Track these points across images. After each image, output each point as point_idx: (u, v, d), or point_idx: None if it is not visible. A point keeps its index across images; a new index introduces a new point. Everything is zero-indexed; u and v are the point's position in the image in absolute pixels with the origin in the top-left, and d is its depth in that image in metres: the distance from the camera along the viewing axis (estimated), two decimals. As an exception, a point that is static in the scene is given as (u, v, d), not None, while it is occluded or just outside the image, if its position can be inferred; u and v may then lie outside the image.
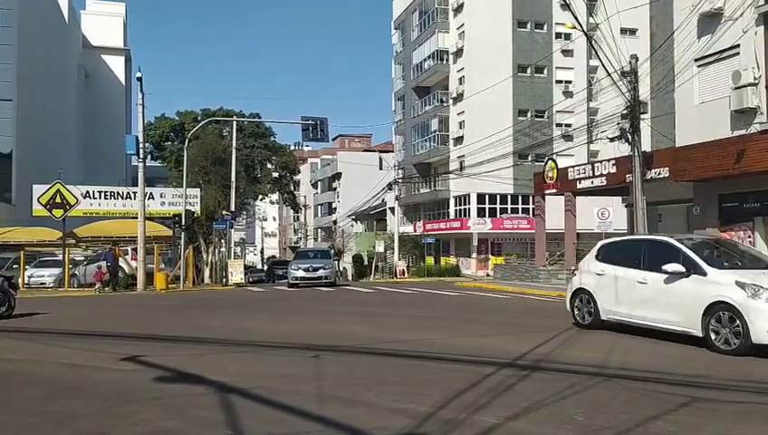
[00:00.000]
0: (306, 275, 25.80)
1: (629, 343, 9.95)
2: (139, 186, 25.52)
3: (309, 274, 25.85)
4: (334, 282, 26.71)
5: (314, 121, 28.11)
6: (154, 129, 53.03)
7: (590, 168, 25.93)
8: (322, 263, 26.75)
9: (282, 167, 57.10)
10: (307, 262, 26.89)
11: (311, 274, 25.84)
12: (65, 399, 5.84)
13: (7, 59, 46.81)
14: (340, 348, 9.00)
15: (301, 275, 25.85)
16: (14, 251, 28.69)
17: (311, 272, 25.87)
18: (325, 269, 26.24)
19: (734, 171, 18.31)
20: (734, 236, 19.71)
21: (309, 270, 25.94)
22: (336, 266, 27.08)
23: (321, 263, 26.67)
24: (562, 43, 46.97)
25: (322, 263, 26.75)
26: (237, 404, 5.57)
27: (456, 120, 49.25)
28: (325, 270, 26.22)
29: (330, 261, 27.96)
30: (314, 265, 26.21)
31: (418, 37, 54.06)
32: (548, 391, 6.12)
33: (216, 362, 8.09)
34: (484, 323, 13.29)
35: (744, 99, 17.82)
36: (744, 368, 8.08)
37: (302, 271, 26.00)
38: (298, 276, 25.86)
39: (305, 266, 26.25)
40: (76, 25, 73.62)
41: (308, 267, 26.08)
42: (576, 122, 42.89)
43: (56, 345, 9.42)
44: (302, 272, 25.94)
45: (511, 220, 46.77)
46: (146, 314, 15.39)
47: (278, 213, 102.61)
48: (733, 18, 18.57)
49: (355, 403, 5.65)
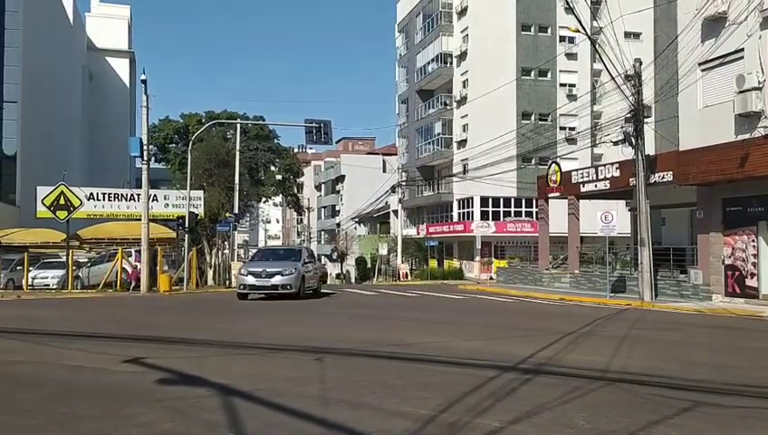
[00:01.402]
0: (257, 283, 19.72)
1: (632, 346, 9.94)
2: (142, 188, 25.55)
3: (260, 281, 19.66)
4: (298, 292, 19.88)
5: (318, 124, 28.13)
6: (158, 131, 53.15)
7: (593, 171, 25.92)
8: (281, 267, 20.10)
9: (285, 169, 57.14)
10: (261, 265, 20.65)
11: (262, 281, 19.64)
12: (68, 400, 5.85)
13: (12, 61, 46.95)
14: (343, 351, 9.00)
15: (250, 283, 19.78)
16: (19, 252, 28.78)
17: (263, 279, 19.63)
18: (283, 275, 19.69)
19: (738, 175, 18.28)
20: (738, 240, 19.68)
21: (261, 276, 19.68)
22: (303, 270, 20.48)
23: (278, 267, 20.11)
24: (566, 46, 46.97)
25: (281, 267, 20.10)
26: (240, 406, 5.58)
27: (460, 123, 49.26)
28: (283, 276, 19.66)
29: (294, 264, 20.58)
30: (269, 270, 19.84)
31: (422, 40, 54.10)
32: (550, 394, 6.12)
33: (218, 364, 8.10)
34: (487, 326, 13.28)
35: (749, 103, 17.81)
36: (748, 373, 8.07)
37: (251, 277, 19.79)
38: (247, 284, 19.85)
39: (257, 271, 19.99)
40: (81, 28, 73.81)
41: (260, 272, 19.82)
42: (580, 126, 42.87)
43: (59, 347, 9.44)
44: (252, 279, 19.74)
45: (514, 223, 46.75)
46: (149, 316, 15.42)
47: (281, 215, 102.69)
48: (737, 22, 18.57)
49: (357, 406, 5.66)
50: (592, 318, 14.62)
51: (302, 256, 21.75)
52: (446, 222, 51.03)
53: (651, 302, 19.84)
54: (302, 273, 20.31)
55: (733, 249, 19.86)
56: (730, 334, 12.88)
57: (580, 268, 27.15)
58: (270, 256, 22.57)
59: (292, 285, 19.73)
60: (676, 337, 11.94)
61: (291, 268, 20.10)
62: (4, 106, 46.61)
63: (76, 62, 68.75)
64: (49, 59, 55.15)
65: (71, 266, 25.96)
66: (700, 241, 21.15)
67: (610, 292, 22.28)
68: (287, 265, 20.28)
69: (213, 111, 53.10)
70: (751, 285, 19.27)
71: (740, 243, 19.65)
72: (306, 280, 20.83)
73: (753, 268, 19.21)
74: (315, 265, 23.49)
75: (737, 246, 19.71)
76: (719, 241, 20.26)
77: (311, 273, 21.82)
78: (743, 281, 19.50)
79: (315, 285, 22.54)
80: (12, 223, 36.55)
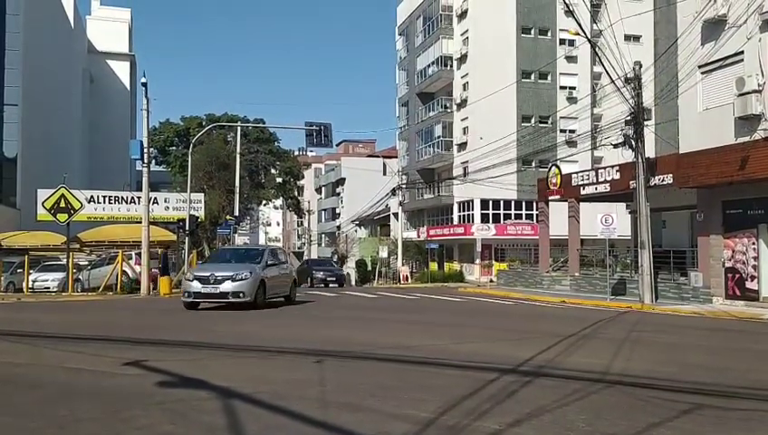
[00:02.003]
0: (203, 290, 16.63)
1: (632, 349, 9.94)
2: (143, 190, 25.56)
3: (207, 287, 16.59)
4: (254, 301, 16.77)
5: (318, 127, 28.14)
6: (159, 134, 53.27)
7: (593, 174, 25.93)
8: (233, 271, 16.93)
9: (286, 172, 57.25)
10: (210, 268, 17.46)
11: (210, 288, 16.57)
12: (68, 403, 5.86)
13: (13, 64, 47.06)
14: (343, 353, 9.00)
15: (196, 290, 16.68)
16: (19, 255, 28.78)
17: (210, 285, 16.57)
18: (234, 281, 16.58)
19: (738, 178, 18.30)
20: (738, 243, 19.68)
21: (209, 282, 16.61)
22: (264, 274, 17.43)
23: (230, 270, 16.96)
24: (566, 49, 47.04)
25: (233, 271, 16.93)
26: (240, 409, 5.58)
27: (460, 125, 49.31)
28: (234, 282, 16.55)
29: (251, 267, 17.29)
30: (218, 275, 16.69)
31: (423, 43, 54.18)
32: (550, 397, 6.12)
33: (218, 366, 8.10)
34: (487, 328, 13.28)
35: (748, 105, 17.83)
36: (748, 375, 8.07)
37: (198, 283, 16.71)
38: (192, 291, 16.76)
39: (204, 276, 16.84)
40: (81, 31, 73.93)
41: (208, 277, 16.69)
42: (580, 128, 42.91)
43: (59, 350, 9.44)
44: (198, 285, 16.67)
45: (514, 226, 46.78)
46: (149, 318, 15.42)
47: (282, 218, 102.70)
48: (736, 25, 18.59)
49: (358, 408, 5.66)
50: (592, 321, 14.62)
51: (263, 257, 18.17)
52: (447, 225, 51.04)
53: (651, 304, 19.84)
54: (260, 277, 17.07)
55: (733, 252, 19.86)
56: (730, 337, 12.88)
57: (580, 271, 27.14)
58: (226, 258, 19.05)
59: (245, 293, 16.55)
60: (676, 340, 11.94)
61: (244, 272, 16.83)
62: (5, 109, 46.70)
63: (77, 65, 68.84)
64: (49, 62, 55.24)
65: (71, 269, 25.96)
66: (700, 244, 21.15)
67: (611, 294, 22.28)
68: (241, 269, 17.00)
69: (213, 114, 53.23)
70: (751, 287, 19.27)
71: (740, 245, 19.65)
72: (269, 286, 17.56)
73: (754, 271, 19.21)
74: (285, 269, 19.69)
75: (737, 249, 19.72)
76: (719, 244, 20.26)
77: (277, 277, 18.44)
78: (743, 283, 19.50)
79: (286, 291, 19.25)
80: (12, 226, 36.60)
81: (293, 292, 19.98)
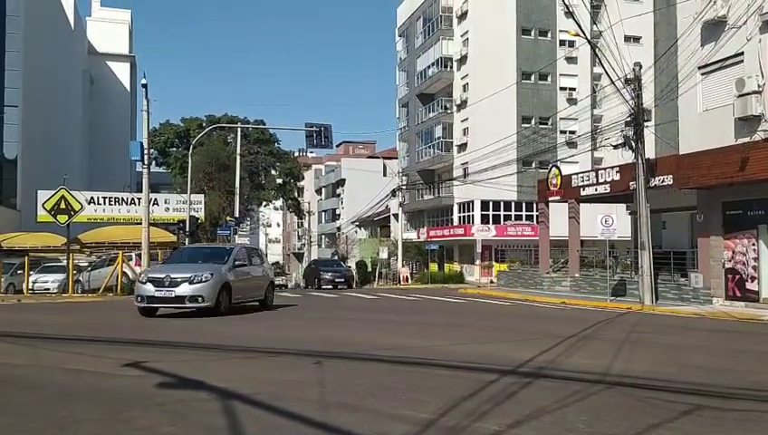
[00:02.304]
0: (157, 294, 14.57)
1: (632, 350, 9.94)
2: (143, 192, 25.58)
3: (162, 291, 14.52)
4: (216, 306, 14.75)
5: (318, 128, 28.19)
6: (159, 135, 53.27)
7: (593, 175, 25.94)
8: (191, 272, 14.85)
9: (286, 173, 57.25)
10: (167, 269, 15.49)
11: (164, 291, 14.51)
12: (68, 404, 5.86)
13: (13, 65, 47.11)
14: (342, 354, 9.00)
15: (149, 294, 14.67)
16: (19, 256, 28.80)
17: (165, 288, 14.53)
18: (192, 284, 14.57)
19: (738, 179, 18.30)
20: (738, 244, 19.69)
21: (163, 284, 14.56)
22: (229, 277, 15.40)
23: (188, 272, 14.87)
24: (566, 50, 47.06)
25: (191, 272, 14.85)
26: (240, 410, 5.58)
27: (460, 126, 49.34)
28: (192, 285, 14.55)
29: (214, 268, 15.31)
30: (174, 276, 14.68)
31: (423, 44, 54.23)
32: (550, 398, 6.12)
33: (218, 367, 8.10)
34: (487, 329, 13.28)
35: (748, 106, 17.84)
36: (747, 376, 8.07)
37: (151, 286, 14.69)
38: (145, 295, 14.76)
39: (159, 277, 14.82)
40: (82, 32, 74.00)
41: (163, 279, 14.66)
42: (580, 129, 42.94)
43: (59, 351, 9.44)
44: (152, 288, 14.64)
45: (514, 227, 46.79)
46: (149, 319, 15.40)
47: (282, 219, 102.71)
48: (736, 26, 18.61)
49: (357, 409, 5.66)
50: (593, 321, 14.61)
51: (230, 257, 16.04)
52: (447, 226, 51.06)
53: (652, 305, 19.84)
54: (224, 280, 15.09)
55: (733, 253, 19.86)
56: (730, 338, 12.88)
57: (580, 272, 27.14)
58: (188, 258, 16.86)
59: (204, 297, 14.52)
60: (676, 340, 11.93)
61: (205, 274, 14.76)
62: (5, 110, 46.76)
63: (77, 66, 68.90)
64: (50, 63, 55.29)
65: (71, 270, 25.98)
66: (700, 245, 21.15)
67: (611, 295, 22.28)
68: (201, 270, 14.98)
69: (213, 115, 53.22)
70: (751, 288, 19.27)
71: (740, 246, 19.65)
72: (236, 289, 15.63)
73: (754, 272, 19.21)
74: (260, 271, 17.71)
75: (737, 250, 19.72)
76: (719, 245, 20.26)
77: (248, 280, 16.53)
78: (743, 284, 19.50)
79: (261, 295, 17.36)
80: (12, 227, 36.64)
81: (270, 296, 18.05)
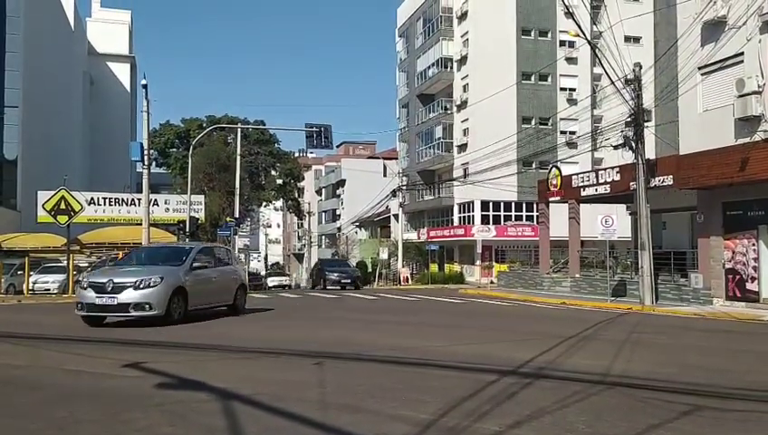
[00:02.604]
0: (97, 302, 12.65)
1: (632, 350, 9.93)
2: (143, 192, 25.59)
3: (103, 298, 12.62)
4: (167, 314, 12.87)
5: (318, 128, 28.18)
6: (159, 135, 53.30)
7: (594, 175, 25.94)
8: (138, 277, 12.93)
9: (286, 174, 57.27)
10: (110, 274, 13.67)
11: (106, 298, 12.60)
12: (67, 405, 5.86)
13: (14, 66, 47.12)
14: (342, 354, 9.00)
15: (89, 301, 12.76)
16: (19, 257, 28.80)
17: (107, 295, 12.62)
18: (137, 289, 12.69)
19: (738, 179, 18.30)
20: (738, 244, 19.68)
21: (105, 290, 12.66)
22: (186, 280, 13.63)
23: (134, 276, 12.98)
24: (566, 50, 47.06)
25: (138, 277, 12.93)
26: (239, 411, 5.58)
27: (460, 127, 49.33)
28: (137, 291, 12.67)
29: (166, 270, 13.48)
30: (117, 281, 12.82)
31: (423, 45, 54.24)
32: (550, 398, 6.12)
33: (218, 368, 8.11)
34: (487, 330, 13.28)
35: (748, 107, 17.84)
36: (747, 376, 8.07)
37: (92, 292, 12.79)
38: (86, 302, 12.84)
39: (100, 282, 12.90)
40: (82, 33, 74.02)
41: (104, 284, 12.74)
42: (580, 130, 42.92)
43: (59, 351, 9.45)
44: (92, 294, 12.73)
45: (515, 227, 46.77)
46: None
47: (282, 220, 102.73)
48: (736, 26, 18.60)
49: (357, 410, 5.66)
50: (593, 322, 14.61)
51: (188, 258, 14.20)
52: (447, 226, 51.04)
53: (652, 306, 19.84)
54: (178, 284, 13.25)
55: (733, 253, 19.86)
56: (730, 338, 12.88)
57: (580, 272, 27.14)
58: (140, 260, 14.88)
59: (152, 305, 12.65)
60: (676, 341, 11.93)
61: (153, 277, 12.87)
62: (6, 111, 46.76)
63: (77, 67, 68.92)
64: (50, 64, 55.31)
65: (71, 271, 25.98)
66: (701, 245, 21.15)
67: (611, 296, 22.28)
68: (149, 274, 13.05)
69: (214, 116, 53.25)
70: (751, 288, 19.26)
71: (740, 247, 19.65)
72: (194, 294, 13.71)
73: (754, 272, 19.20)
74: (227, 272, 15.81)
75: (738, 250, 19.72)
76: (720, 245, 20.26)
77: (211, 283, 14.76)
78: (743, 285, 19.50)
79: (229, 299, 15.60)
80: (13, 227, 36.64)
81: (241, 300, 16.22)
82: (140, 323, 12.98)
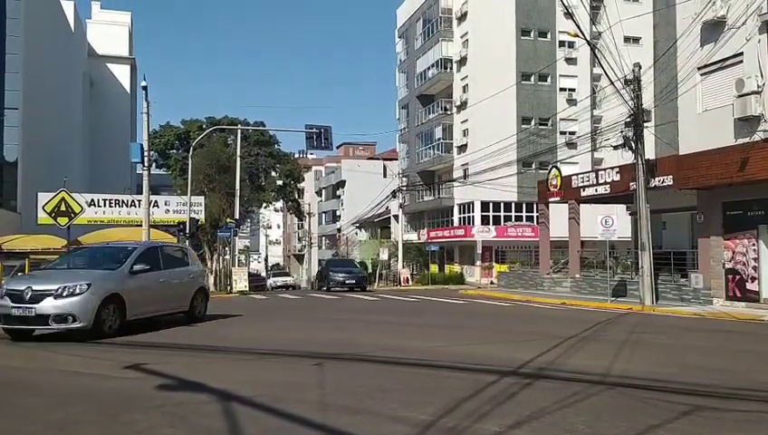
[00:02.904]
0: (14, 313, 10.86)
1: (632, 350, 9.93)
2: (143, 193, 25.57)
3: (20, 308, 10.83)
4: (95, 327, 11.01)
5: (318, 130, 28.15)
6: (159, 137, 53.28)
7: (593, 175, 25.93)
8: (59, 283, 11.06)
9: (286, 175, 57.22)
10: (30, 280, 11.79)
11: (23, 309, 10.81)
12: (68, 406, 5.86)
13: (13, 68, 47.10)
14: (342, 356, 9.00)
15: (5, 312, 10.96)
16: (20, 259, 28.76)
17: (25, 304, 10.82)
18: (58, 298, 10.84)
19: (738, 179, 18.29)
20: (738, 244, 19.68)
21: (23, 300, 10.87)
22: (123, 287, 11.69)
23: (56, 283, 11.10)
24: (566, 51, 47.06)
25: (59, 283, 11.06)
26: (240, 412, 5.59)
27: (460, 127, 49.32)
28: (58, 300, 10.83)
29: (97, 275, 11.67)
30: (36, 289, 10.98)
31: (422, 46, 54.23)
32: (550, 399, 6.12)
33: (218, 369, 8.10)
34: (487, 330, 13.28)
35: (748, 107, 17.83)
36: (748, 376, 8.07)
37: (9, 300, 10.99)
38: (2, 313, 11.03)
39: (17, 290, 11.09)
40: (82, 34, 74.01)
41: (23, 293, 10.94)
42: (580, 130, 42.92)
43: (59, 353, 9.46)
44: (9, 303, 10.95)
45: (515, 228, 46.75)
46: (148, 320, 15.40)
47: (282, 221, 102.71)
48: (736, 26, 18.60)
49: (357, 411, 5.66)
50: (593, 322, 14.61)
51: (128, 260, 12.34)
52: (447, 227, 51.03)
53: (652, 306, 19.83)
54: (111, 291, 11.46)
55: (733, 253, 19.86)
56: (730, 338, 12.88)
57: (580, 272, 27.13)
58: (71, 263, 13.13)
59: (76, 316, 10.83)
60: (676, 341, 11.93)
61: (79, 284, 11.06)
62: (6, 113, 46.72)
63: (77, 69, 68.90)
64: (50, 66, 55.30)
65: (71, 272, 25.93)
66: (701, 245, 21.14)
67: (611, 296, 22.27)
68: (75, 279, 11.26)
69: (214, 117, 53.20)
70: (751, 288, 19.26)
71: (740, 247, 19.64)
72: (134, 302, 11.92)
73: (754, 272, 19.20)
74: (182, 275, 14.00)
75: (738, 250, 19.71)
76: (720, 245, 20.25)
77: (159, 287, 12.94)
78: (743, 285, 19.49)
79: (184, 305, 13.92)
80: (13, 229, 36.56)
81: (201, 306, 14.50)
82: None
